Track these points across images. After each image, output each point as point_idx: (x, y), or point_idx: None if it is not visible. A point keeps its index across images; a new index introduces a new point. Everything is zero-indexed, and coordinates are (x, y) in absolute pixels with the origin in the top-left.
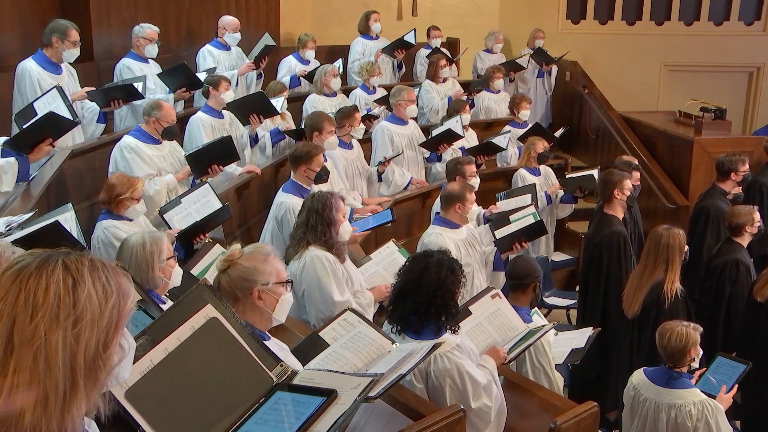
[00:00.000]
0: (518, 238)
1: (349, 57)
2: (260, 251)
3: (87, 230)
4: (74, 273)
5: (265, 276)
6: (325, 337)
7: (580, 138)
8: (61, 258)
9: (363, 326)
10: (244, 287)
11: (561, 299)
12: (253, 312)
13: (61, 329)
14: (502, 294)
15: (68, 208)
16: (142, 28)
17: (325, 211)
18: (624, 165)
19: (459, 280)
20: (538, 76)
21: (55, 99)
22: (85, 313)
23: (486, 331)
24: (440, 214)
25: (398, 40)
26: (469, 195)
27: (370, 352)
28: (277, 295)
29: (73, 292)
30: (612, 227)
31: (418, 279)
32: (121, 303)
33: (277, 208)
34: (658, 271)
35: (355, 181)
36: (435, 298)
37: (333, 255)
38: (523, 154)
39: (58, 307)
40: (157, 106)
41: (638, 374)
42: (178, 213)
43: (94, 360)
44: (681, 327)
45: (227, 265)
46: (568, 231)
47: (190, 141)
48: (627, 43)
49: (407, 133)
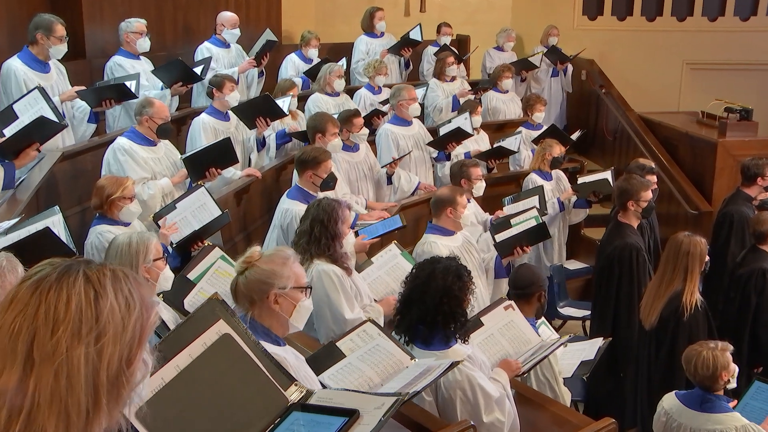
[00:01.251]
0: (519, 242)
1: (353, 56)
2: (280, 254)
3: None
4: (96, 285)
5: (283, 280)
6: (342, 348)
7: (596, 140)
8: (81, 268)
9: (382, 339)
10: (260, 290)
11: (576, 310)
12: (270, 317)
13: (84, 345)
14: (515, 305)
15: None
16: (129, 23)
17: (330, 222)
18: (638, 168)
19: (467, 286)
20: (552, 75)
21: (38, 101)
22: (108, 327)
23: (498, 343)
24: (432, 221)
25: (403, 37)
26: (459, 198)
27: (387, 367)
28: (295, 301)
29: (95, 305)
30: (625, 238)
31: (424, 286)
32: (145, 316)
33: (282, 216)
34: (677, 281)
35: (359, 185)
36: (441, 305)
37: (340, 268)
38: (536, 156)
39: (80, 321)
40: (147, 104)
41: (669, 398)
42: (174, 219)
43: (117, 377)
44: (707, 351)
45: (246, 266)
46: (584, 238)
47: (192, 144)
48: (646, 40)
49: (412, 133)
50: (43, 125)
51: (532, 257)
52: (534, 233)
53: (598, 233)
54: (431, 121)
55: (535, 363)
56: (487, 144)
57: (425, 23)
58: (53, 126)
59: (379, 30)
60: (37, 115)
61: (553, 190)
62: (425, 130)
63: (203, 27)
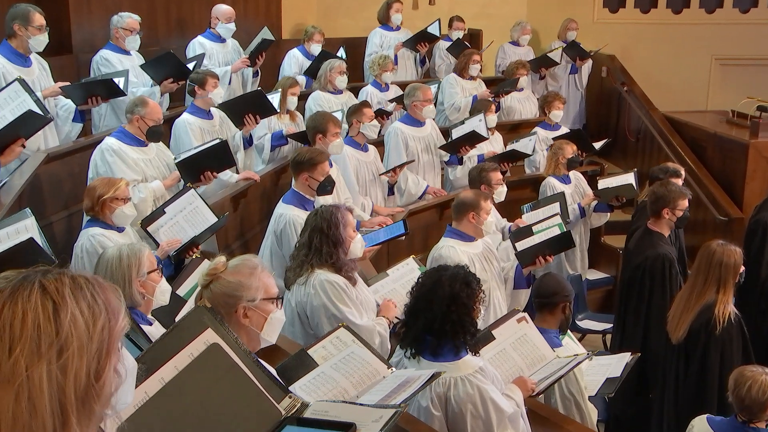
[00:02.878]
0: (542, 251)
1: (366, 49)
2: (246, 264)
3: (65, 244)
4: (54, 295)
5: (251, 291)
6: (314, 356)
7: (618, 142)
8: (37, 279)
9: (357, 346)
10: (227, 304)
11: (596, 323)
12: (239, 332)
13: (45, 362)
14: (528, 318)
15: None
16: (122, 18)
17: (330, 229)
18: (661, 171)
19: (475, 294)
20: (570, 72)
21: (19, 93)
22: (70, 340)
23: (511, 358)
24: (452, 225)
25: (421, 31)
26: (483, 203)
27: (363, 377)
28: (266, 313)
29: (55, 318)
30: (657, 248)
31: (430, 293)
32: (112, 322)
33: (276, 221)
34: (709, 292)
35: (368, 187)
36: (449, 313)
37: (343, 277)
38: (549, 161)
39: (38, 337)
40: (141, 103)
41: (701, 424)
42: (164, 224)
43: (86, 392)
44: (765, 376)
45: (210, 279)
46: (605, 246)
47: (177, 145)
48: (672, 34)
49: (423, 135)
50: (29, 119)
51: (553, 266)
52: (558, 242)
53: (618, 241)
54: (445, 119)
55: (551, 383)
56: (501, 145)
57: (434, 17)
58: (39, 120)
59: (395, 23)
60: (19, 108)
61: (572, 194)
62: (437, 131)
63: (198, 20)
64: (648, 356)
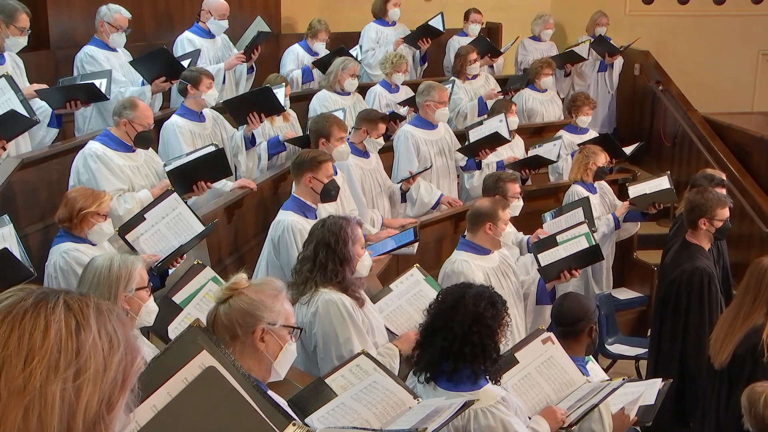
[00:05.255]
0: (567, 265)
1: (362, 45)
2: (271, 285)
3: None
4: (78, 315)
5: (273, 314)
6: (332, 385)
7: (652, 147)
8: (62, 296)
9: (380, 375)
10: (246, 323)
11: (628, 347)
12: (252, 356)
13: (60, 380)
14: (554, 338)
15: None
16: (110, 11)
17: (338, 245)
18: (704, 179)
19: (501, 316)
20: (599, 70)
21: (4, 91)
22: (89, 364)
23: (537, 384)
24: (466, 236)
25: (422, 26)
26: (501, 213)
27: (387, 408)
28: (282, 342)
29: (77, 336)
30: (694, 261)
31: (451, 311)
32: (128, 359)
33: (273, 228)
34: (758, 314)
35: (374, 198)
36: (470, 334)
37: (350, 298)
38: (576, 165)
39: (58, 352)
40: (130, 105)
41: None
42: (144, 232)
43: (95, 423)
44: None
45: (230, 294)
46: (637, 262)
47: (166, 151)
48: (714, 27)
49: (436, 139)
50: (12, 120)
51: (580, 284)
52: (586, 255)
53: (653, 256)
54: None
55: (584, 412)
56: (522, 150)
57: (449, 10)
58: (23, 122)
59: (391, 18)
60: (3, 107)
61: (596, 204)
62: (451, 134)
63: (189, 14)
64: (686, 382)
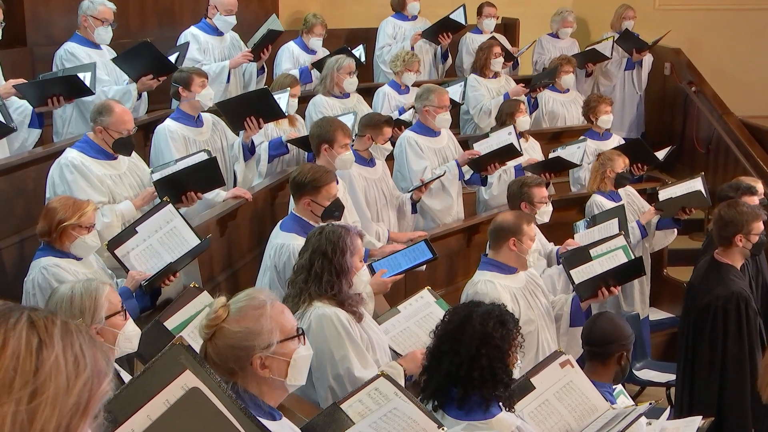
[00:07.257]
0: (605, 281)
1: (377, 41)
2: (251, 304)
3: (17, 275)
4: (41, 332)
5: (264, 337)
6: (349, 412)
7: (684, 152)
8: (26, 312)
9: (400, 401)
10: (239, 357)
11: (658, 373)
12: (260, 383)
13: (14, 401)
14: (573, 360)
15: None
16: (93, 4)
17: (335, 255)
18: (730, 189)
19: (512, 336)
20: (626, 68)
21: None
22: (47, 385)
23: (556, 411)
24: (489, 254)
25: (442, 19)
26: (527, 227)
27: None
28: (287, 356)
29: (37, 355)
30: (728, 284)
31: (457, 332)
32: (94, 383)
33: (277, 254)
34: None
35: (380, 210)
36: (479, 357)
37: (346, 312)
38: (593, 175)
39: (14, 370)
40: (105, 110)
41: None
42: (135, 247)
43: None
44: None
45: (212, 331)
46: (668, 279)
47: (157, 158)
48: (752, 23)
49: (439, 147)
50: None
51: (610, 303)
52: (626, 269)
53: (685, 273)
54: (474, 128)
55: None
56: (539, 154)
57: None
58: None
59: (411, 12)
60: None
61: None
62: (456, 143)
63: (181, 10)
64: (727, 420)
